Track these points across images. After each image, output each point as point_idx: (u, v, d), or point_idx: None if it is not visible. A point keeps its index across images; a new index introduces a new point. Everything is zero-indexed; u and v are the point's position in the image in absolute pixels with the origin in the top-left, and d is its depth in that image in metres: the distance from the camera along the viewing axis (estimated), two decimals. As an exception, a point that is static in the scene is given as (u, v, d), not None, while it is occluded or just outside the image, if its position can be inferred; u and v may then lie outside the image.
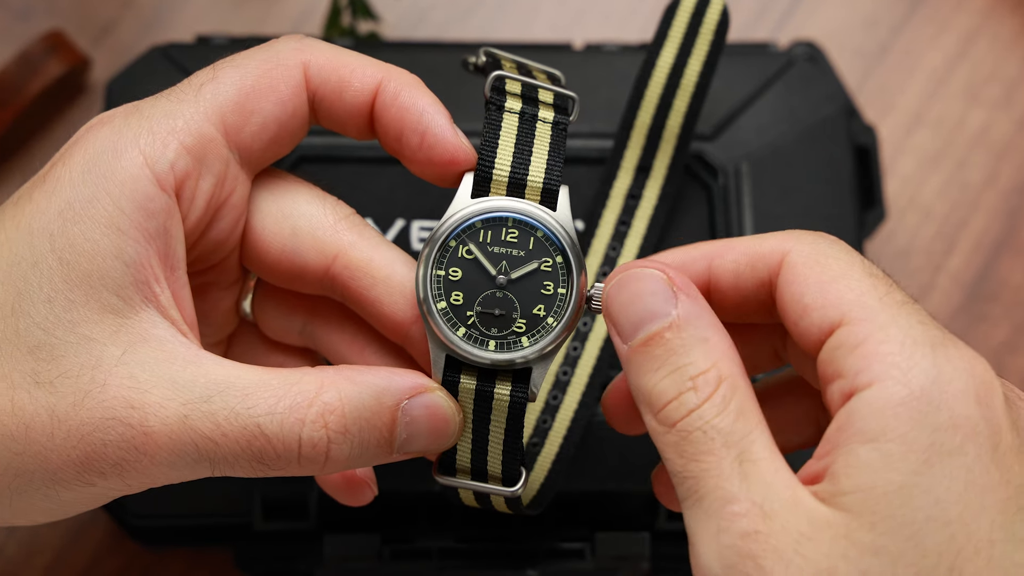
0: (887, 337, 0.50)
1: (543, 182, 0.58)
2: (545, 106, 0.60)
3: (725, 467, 0.50)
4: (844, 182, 0.77)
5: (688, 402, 0.51)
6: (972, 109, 0.92)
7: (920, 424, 0.49)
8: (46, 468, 0.53)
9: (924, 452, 0.48)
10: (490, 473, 0.59)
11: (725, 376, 0.52)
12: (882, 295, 0.51)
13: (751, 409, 0.51)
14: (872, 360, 0.50)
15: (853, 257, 0.53)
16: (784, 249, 0.54)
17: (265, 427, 0.53)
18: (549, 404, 0.70)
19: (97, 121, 0.57)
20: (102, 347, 0.54)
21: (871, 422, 0.49)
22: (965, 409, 0.49)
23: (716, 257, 0.56)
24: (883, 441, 0.49)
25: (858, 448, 0.49)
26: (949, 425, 0.49)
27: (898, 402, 0.49)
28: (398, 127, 0.58)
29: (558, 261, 0.58)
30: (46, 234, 0.54)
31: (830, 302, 0.52)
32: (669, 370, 0.52)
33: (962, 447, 0.48)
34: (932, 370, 0.49)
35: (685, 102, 0.71)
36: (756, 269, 0.55)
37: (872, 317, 0.51)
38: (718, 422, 0.51)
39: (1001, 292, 0.89)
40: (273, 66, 0.58)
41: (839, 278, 0.52)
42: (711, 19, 0.70)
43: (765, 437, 0.51)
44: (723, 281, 0.56)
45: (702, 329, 0.53)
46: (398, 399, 0.55)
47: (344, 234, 0.59)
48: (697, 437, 0.51)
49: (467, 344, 0.57)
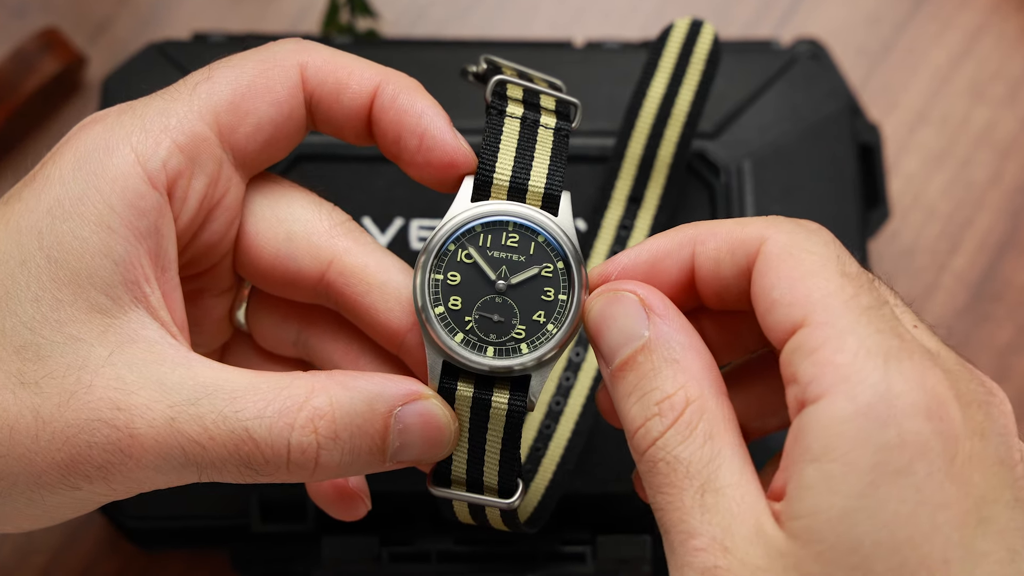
0: (842, 346, 0.49)
1: (544, 187, 0.58)
2: (547, 112, 0.59)
3: (687, 500, 0.50)
4: (847, 181, 0.77)
5: (653, 429, 0.51)
6: (977, 107, 0.92)
7: (864, 443, 0.47)
8: (30, 471, 0.53)
9: (868, 473, 0.47)
10: (486, 485, 0.58)
11: (692, 399, 0.51)
12: (848, 297, 0.50)
13: (720, 432, 0.51)
14: (824, 369, 0.49)
15: (829, 252, 0.52)
16: (763, 236, 0.53)
17: (253, 431, 0.53)
18: (552, 409, 0.70)
19: (90, 120, 0.57)
20: (89, 347, 0.53)
21: (817, 440, 0.48)
22: (914, 425, 0.48)
23: (699, 243, 0.55)
24: (826, 461, 0.48)
25: (805, 468, 0.48)
26: (896, 443, 0.47)
27: (843, 419, 0.48)
28: (396, 130, 0.58)
29: (559, 267, 0.57)
30: (34, 232, 0.54)
31: (797, 299, 0.50)
32: (638, 395, 0.52)
33: (911, 466, 0.47)
34: (881, 384, 0.48)
35: (677, 131, 0.71)
36: (736, 256, 0.54)
37: (832, 321, 0.49)
38: (681, 451, 0.50)
39: (1006, 292, 0.89)
40: (269, 67, 0.58)
41: (809, 275, 0.51)
42: (702, 47, 0.71)
43: (735, 459, 0.50)
44: (704, 268, 0.55)
45: (672, 351, 0.52)
46: (391, 405, 0.55)
47: (339, 240, 0.59)
48: (661, 468, 0.51)
49: (465, 350, 0.57)
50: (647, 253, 0.56)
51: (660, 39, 0.71)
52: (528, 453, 0.69)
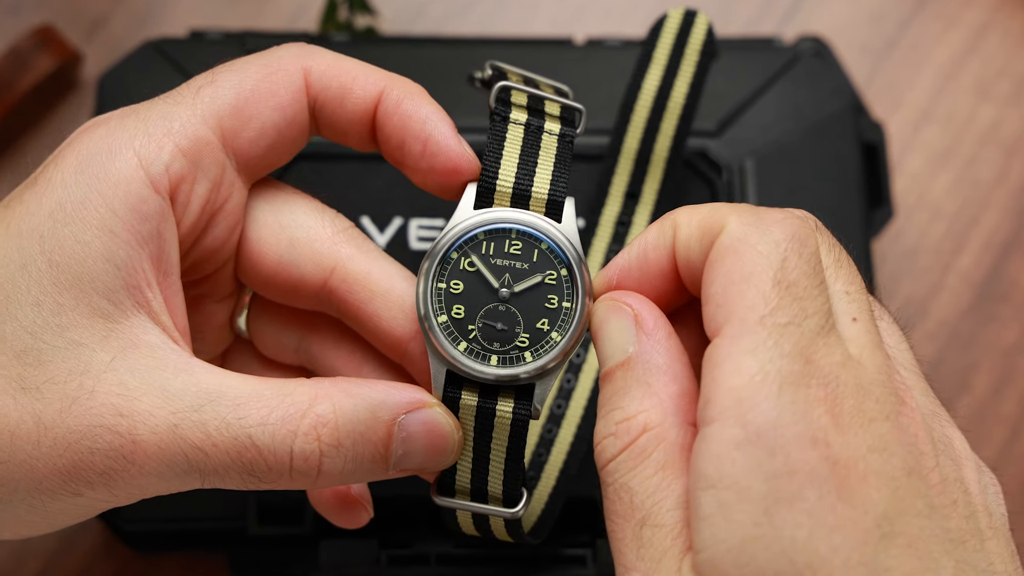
0: (739, 368, 0.48)
1: (548, 194, 0.58)
2: (551, 118, 0.59)
3: (628, 533, 0.50)
4: (851, 180, 0.77)
5: (607, 449, 0.51)
6: (982, 105, 0.92)
7: (756, 471, 0.47)
8: (31, 477, 0.53)
9: (762, 501, 0.47)
10: (491, 494, 0.58)
11: (652, 426, 0.51)
12: (766, 313, 0.49)
13: (674, 462, 0.50)
14: (720, 391, 0.48)
15: (775, 253, 0.50)
16: (723, 224, 0.52)
17: (256, 438, 0.53)
18: (553, 413, 0.69)
19: (92, 123, 0.57)
20: (91, 352, 0.53)
21: (709, 466, 0.48)
22: (800, 454, 0.47)
23: (678, 228, 0.54)
24: (720, 488, 0.47)
25: (701, 495, 0.48)
26: (785, 471, 0.47)
27: (734, 446, 0.47)
28: (400, 135, 0.58)
29: (563, 274, 0.57)
30: (36, 236, 0.53)
31: (723, 303, 0.50)
32: (605, 411, 0.52)
33: (801, 492, 0.47)
34: (771, 412, 0.47)
35: (672, 124, 0.71)
36: (703, 243, 0.53)
37: (739, 338, 0.49)
38: (628, 479, 0.50)
39: (1012, 292, 0.88)
40: (273, 71, 0.58)
41: (743, 279, 0.50)
42: (696, 38, 0.71)
43: (682, 495, 0.50)
44: (680, 255, 0.54)
45: (648, 372, 0.52)
46: (395, 413, 0.55)
47: (342, 247, 0.59)
48: (611, 493, 0.51)
49: (468, 359, 0.56)
50: (638, 247, 0.55)
51: (653, 31, 0.71)
52: (531, 459, 0.69)
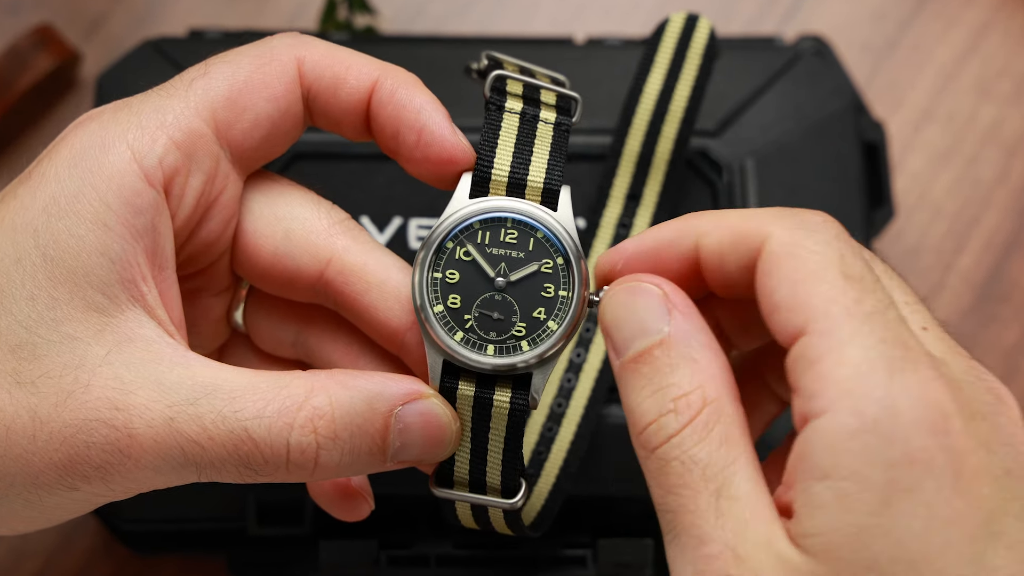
0: (843, 358, 0.48)
1: (544, 182, 0.58)
2: (547, 107, 0.59)
3: (702, 503, 0.49)
4: (852, 179, 0.77)
5: (667, 426, 0.50)
6: (983, 105, 0.92)
7: (874, 460, 0.47)
8: (28, 471, 0.53)
9: (881, 491, 0.47)
10: (489, 485, 0.58)
11: (710, 399, 0.50)
12: (850, 303, 0.49)
13: (736, 437, 0.50)
14: (826, 384, 0.48)
15: (832, 251, 0.51)
16: (765, 233, 0.52)
17: (253, 431, 0.53)
18: (554, 412, 0.69)
19: (86, 117, 0.57)
20: (86, 346, 0.53)
21: (824, 457, 0.47)
22: (920, 441, 0.47)
23: (703, 234, 0.54)
24: (837, 479, 0.47)
25: (814, 485, 0.48)
26: (904, 460, 0.47)
27: (850, 435, 0.47)
28: (394, 125, 0.58)
29: (559, 263, 0.57)
30: (30, 230, 0.54)
31: (797, 304, 0.50)
32: (652, 390, 0.51)
33: (920, 482, 0.47)
34: (886, 399, 0.47)
35: (674, 127, 0.71)
36: (738, 250, 0.53)
37: (833, 331, 0.49)
38: (697, 452, 0.50)
39: (1013, 292, 0.88)
40: (266, 62, 0.58)
41: (810, 278, 0.50)
42: (698, 42, 0.71)
43: (748, 467, 0.50)
44: (708, 260, 0.54)
45: (692, 349, 0.51)
46: (391, 405, 0.55)
47: (338, 238, 0.59)
48: (675, 467, 0.50)
49: (465, 349, 0.56)
50: (651, 241, 0.55)
51: (656, 34, 0.71)
52: (531, 457, 0.69)
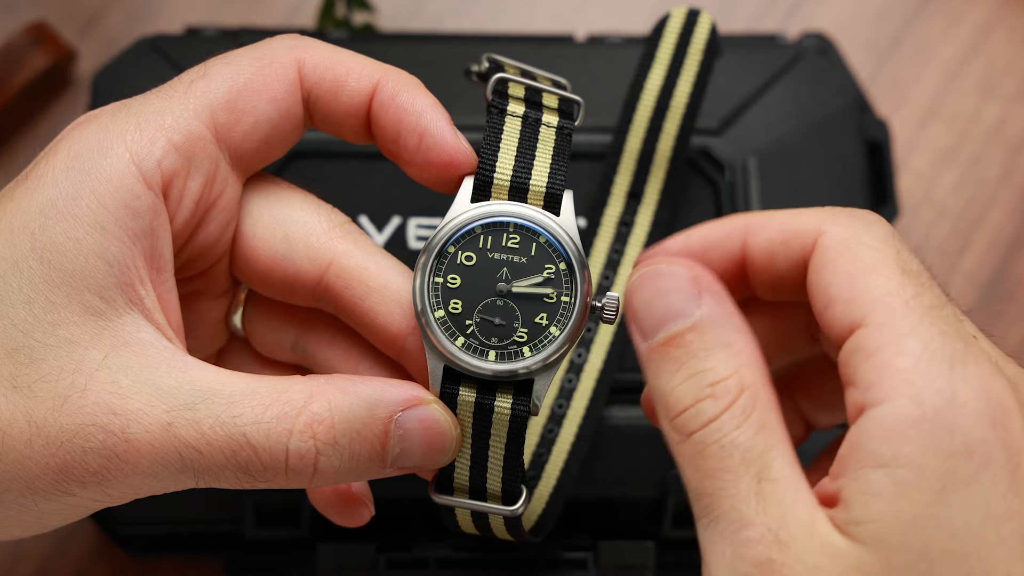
0: (903, 349, 0.48)
1: (546, 187, 0.57)
2: (549, 110, 0.59)
3: (743, 487, 0.49)
4: (855, 178, 0.77)
5: (706, 411, 0.50)
6: (987, 103, 0.91)
7: (934, 449, 0.47)
8: (23, 476, 0.52)
9: (939, 480, 0.47)
10: (490, 492, 0.58)
11: (747, 385, 0.50)
12: (909, 297, 0.50)
13: (773, 422, 0.50)
14: (886, 374, 0.48)
15: (889, 247, 0.51)
16: (819, 229, 0.52)
17: (251, 437, 0.52)
18: (555, 412, 0.69)
19: (84, 119, 0.57)
20: (83, 350, 0.53)
21: (883, 445, 0.48)
22: (980, 433, 0.47)
23: (751, 233, 0.55)
24: (895, 467, 0.47)
25: (870, 473, 0.48)
26: (964, 451, 0.47)
27: (910, 424, 0.47)
28: (396, 128, 0.58)
29: (561, 268, 0.57)
30: (27, 232, 0.53)
31: (855, 297, 0.50)
32: (687, 374, 0.51)
33: (978, 475, 0.47)
34: (947, 390, 0.48)
35: (676, 124, 0.71)
36: (790, 248, 0.53)
37: (893, 323, 0.49)
38: (737, 436, 0.50)
39: (1017, 292, 0.88)
40: (266, 64, 0.58)
41: (868, 271, 0.50)
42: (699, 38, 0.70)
43: (787, 453, 0.50)
44: (757, 259, 0.55)
45: (726, 333, 0.51)
46: (391, 411, 0.55)
47: (338, 242, 0.59)
48: (714, 451, 0.50)
49: (466, 354, 0.56)
50: (697, 242, 0.56)
51: (656, 30, 0.71)
52: (531, 459, 0.69)
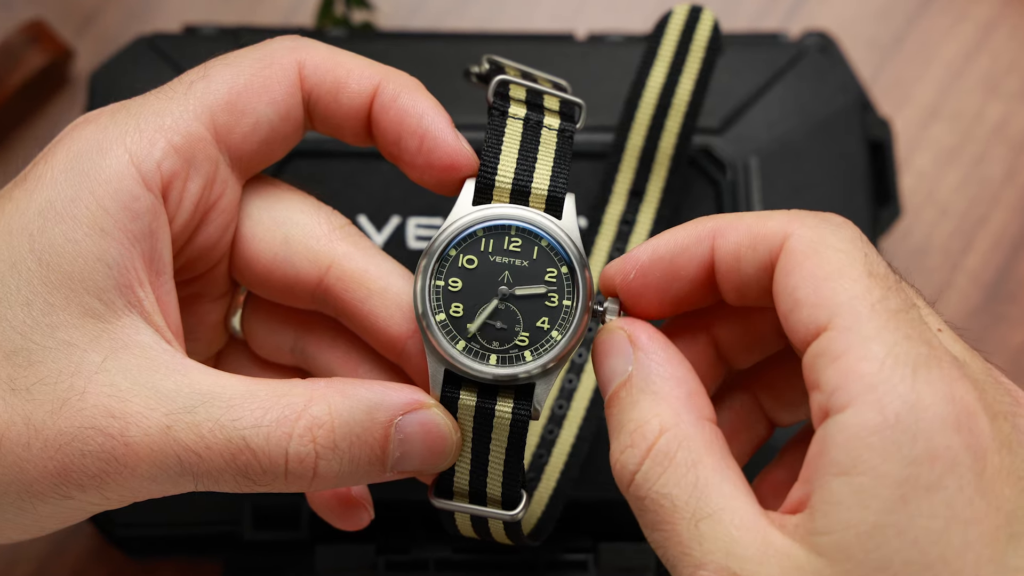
0: (867, 353, 0.48)
1: (548, 190, 0.57)
2: (551, 113, 0.59)
3: (683, 533, 0.49)
4: (857, 178, 0.77)
5: (628, 463, 0.51)
6: (990, 102, 0.91)
7: (895, 456, 0.47)
8: (22, 479, 0.52)
9: (899, 488, 0.46)
10: (489, 496, 0.58)
11: (667, 427, 0.51)
12: (875, 301, 0.49)
13: (702, 457, 0.50)
14: (849, 378, 0.48)
15: (856, 249, 0.51)
16: (786, 232, 0.52)
17: (251, 440, 0.52)
18: (555, 413, 0.69)
19: (83, 119, 0.56)
20: (82, 353, 0.53)
21: (843, 452, 0.47)
22: (943, 438, 0.47)
23: (719, 236, 0.54)
24: (855, 474, 0.47)
25: (831, 481, 0.47)
26: (927, 456, 0.47)
27: (872, 431, 0.47)
28: (396, 130, 0.58)
29: (563, 271, 0.57)
30: (26, 234, 0.53)
31: (821, 301, 0.50)
32: (617, 430, 0.52)
33: (941, 480, 0.46)
34: (910, 395, 0.47)
35: (678, 122, 0.70)
36: (757, 251, 0.53)
37: (858, 327, 0.48)
38: (663, 485, 0.50)
39: (1021, 292, 0.88)
40: (266, 65, 0.58)
41: (835, 275, 0.50)
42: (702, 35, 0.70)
43: (723, 483, 0.50)
44: (725, 263, 0.54)
45: (651, 382, 0.52)
46: (392, 415, 0.54)
47: (338, 244, 0.59)
48: (648, 505, 0.50)
49: (467, 358, 0.56)
50: (665, 248, 0.55)
51: (658, 27, 0.71)
52: (531, 460, 0.69)
